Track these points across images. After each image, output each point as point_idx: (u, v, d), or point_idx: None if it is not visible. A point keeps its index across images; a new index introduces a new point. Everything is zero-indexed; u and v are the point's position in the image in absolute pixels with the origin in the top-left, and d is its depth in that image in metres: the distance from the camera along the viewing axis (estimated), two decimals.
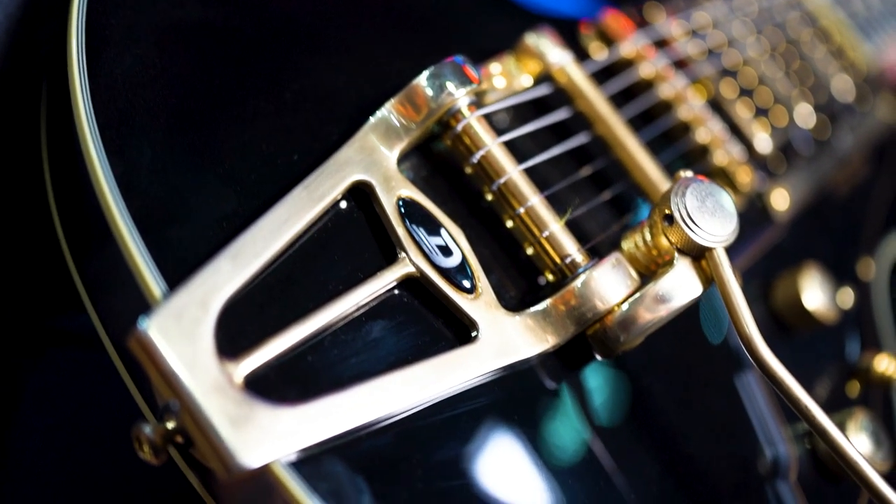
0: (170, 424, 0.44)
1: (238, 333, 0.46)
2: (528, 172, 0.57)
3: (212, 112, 0.52)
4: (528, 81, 0.64)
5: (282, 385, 0.46)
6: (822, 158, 0.82)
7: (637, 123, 0.67)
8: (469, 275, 0.53)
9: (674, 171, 0.58)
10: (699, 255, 0.55)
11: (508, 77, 0.63)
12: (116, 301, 0.49)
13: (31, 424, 0.67)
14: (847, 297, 0.75)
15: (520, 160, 0.57)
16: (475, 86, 0.56)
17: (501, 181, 0.56)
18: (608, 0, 0.74)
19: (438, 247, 0.53)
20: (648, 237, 0.56)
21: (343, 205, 0.52)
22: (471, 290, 0.53)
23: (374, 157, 0.53)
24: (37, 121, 0.56)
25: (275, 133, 0.53)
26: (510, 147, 0.58)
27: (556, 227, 0.56)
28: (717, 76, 0.76)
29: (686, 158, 0.70)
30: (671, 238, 0.55)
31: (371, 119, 0.54)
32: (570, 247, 0.56)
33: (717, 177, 0.70)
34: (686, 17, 0.78)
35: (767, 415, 0.63)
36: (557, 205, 0.58)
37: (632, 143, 0.63)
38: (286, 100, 0.55)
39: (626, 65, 0.70)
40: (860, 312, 0.76)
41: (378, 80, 0.57)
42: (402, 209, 0.53)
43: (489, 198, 0.57)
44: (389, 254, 0.52)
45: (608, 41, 0.71)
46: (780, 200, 0.74)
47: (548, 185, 0.59)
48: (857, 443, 0.62)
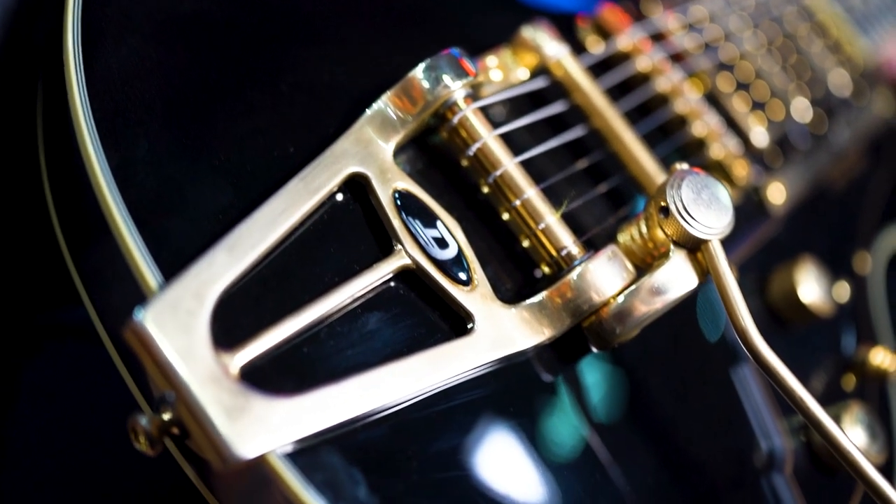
0: (166, 416, 0.44)
1: (234, 325, 0.46)
2: (525, 165, 0.57)
3: (208, 104, 0.52)
4: (525, 74, 0.64)
5: (277, 376, 0.46)
6: (819, 153, 0.82)
7: (633, 117, 0.67)
8: (465, 267, 0.53)
9: (670, 165, 0.58)
10: (695, 248, 0.55)
11: (505, 70, 0.63)
12: (113, 293, 0.49)
13: (28, 419, 0.67)
14: (843, 291, 0.75)
15: (516, 153, 0.57)
16: (471, 78, 0.56)
17: (497, 173, 0.56)
18: None
19: (434, 239, 0.53)
20: (644, 230, 0.56)
21: (339, 197, 0.52)
22: (467, 283, 0.53)
23: (371, 150, 0.53)
24: (33, 113, 0.56)
25: (271, 125, 0.53)
26: (506, 140, 0.58)
27: (552, 220, 0.56)
28: (714, 70, 0.76)
29: (682, 152, 0.70)
30: (667, 230, 0.55)
31: (367, 111, 0.54)
32: (566, 239, 0.56)
33: (714, 170, 0.70)
34: (683, 11, 0.78)
35: (763, 408, 0.63)
36: (553, 197, 0.58)
37: (628, 136, 0.63)
38: (282, 92, 0.55)
39: (623, 58, 0.70)
40: (856, 306, 0.76)
41: (374, 73, 0.57)
42: (398, 201, 0.53)
43: (485, 190, 0.57)
44: (385, 246, 0.52)
45: (605, 35, 0.71)
46: (777, 194, 0.74)
47: (544, 178, 0.59)
48: (853, 435, 0.62)
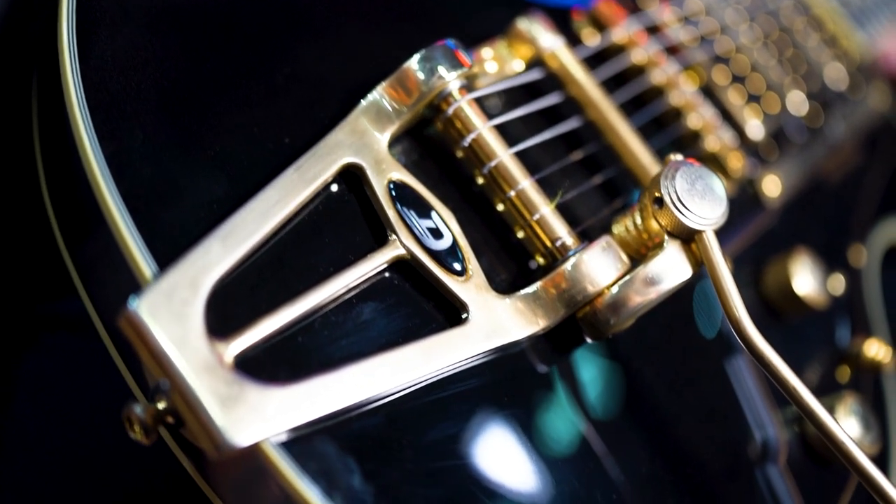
0: (160, 405, 0.44)
1: (228, 314, 0.46)
2: (520, 156, 0.57)
3: (203, 94, 0.52)
4: (520, 66, 0.64)
5: (272, 365, 0.46)
6: (815, 146, 0.82)
7: (628, 109, 0.67)
8: (459, 257, 0.53)
9: (665, 157, 0.58)
10: (689, 238, 0.55)
11: (500, 62, 0.63)
12: (107, 283, 0.49)
13: (25, 411, 0.67)
14: (838, 284, 0.75)
15: (511, 144, 0.58)
16: (466, 69, 0.56)
17: (492, 164, 0.56)
18: None
19: (429, 229, 0.53)
20: (639, 220, 0.56)
21: (334, 187, 0.52)
22: (461, 273, 0.53)
23: (365, 140, 0.54)
24: (29, 105, 0.56)
25: (266, 116, 0.53)
26: (501, 131, 0.58)
27: (547, 211, 0.56)
28: (710, 63, 0.76)
29: (677, 144, 0.70)
30: (661, 221, 0.55)
31: (362, 102, 0.55)
32: (561, 230, 0.56)
33: (709, 162, 0.70)
34: (678, 4, 0.78)
35: (758, 399, 0.63)
36: (548, 188, 0.58)
37: (623, 128, 0.63)
38: (277, 83, 0.55)
39: (618, 50, 0.70)
40: (851, 299, 0.77)
41: (369, 64, 0.57)
42: (393, 192, 0.53)
43: (480, 181, 0.57)
44: (380, 236, 0.52)
45: (600, 27, 0.71)
46: (772, 187, 0.74)
47: (539, 169, 0.59)
48: (847, 426, 0.63)
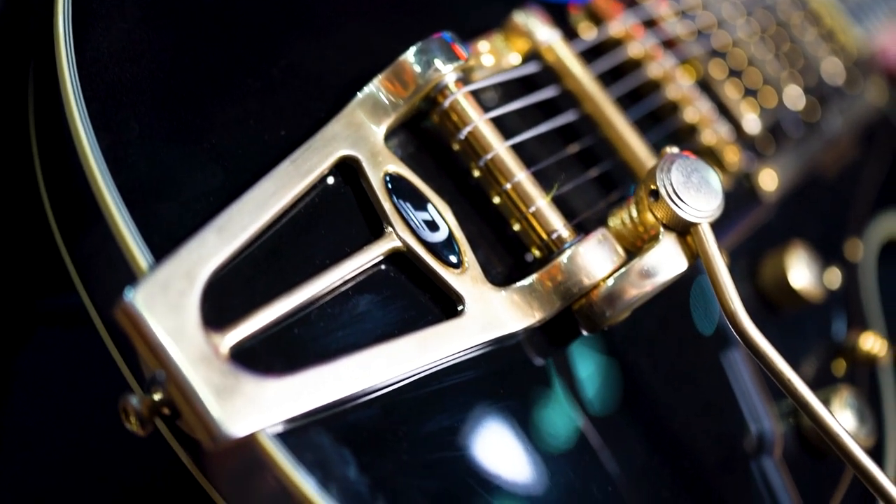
0: (156, 396, 0.44)
1: (224, 305, 0.46)
2: (516, 149, 0.57)
3: (199, 87, 0.52)
4: (517, 60, 0.64)
5: (268, 357, 0.46)
6: (811, 140, 0.82)
7: (625, 102, 0.67)
8: (455, 250, 0.53)
9: (661, 150, 0.58)
10: (684, 231, 0.55)
11: (497, 55, 0.63)
12: (104, 274, 0.49)
13: (21, 403, 0.67)
14: (834, 278, 0.75)
15: (507, 137, 0.58)
16: (462, 62, 0.56)
17: (488, 157, 0.56)
18: None
19: (425, 222, 0.53)
20: (634, 213, 0.56)
21: (330, 180, 0.53)
22: (457, 265, 0.53)
23: (362, 133, 0.54)
24: (25, 97, 0.56)
25: (262, 108, 0.53)
26: (498, 124, 0.58)
27: (543, 203, 0.56)
28: (706, 57, 0.76)
29: (674, 137, 0.70)
30: (657, 213, 0.55)
31: (358, 95, 0.55)
32: (557, 222, 0.56)
33: (705, 156, 0.70)
34: None
35: (753, 392, 0.63)
36: (544, 181, 0.58)
37: (619, 122, 0.63)
38: (274, 76, 0.55)
39: (615, 44, 0.70)
40: (847, 293, 0.77)
41: (366, 56, 0.57)
42: (389, 184, 0.53)
43: (476, 174, 0.57)
44: (376, 228, 0.52)
45: (597, 21, 0.71)
46: (769, 181, 0.75)
47: (535, 162, 0.59)
48: (842, 419, 0.63)
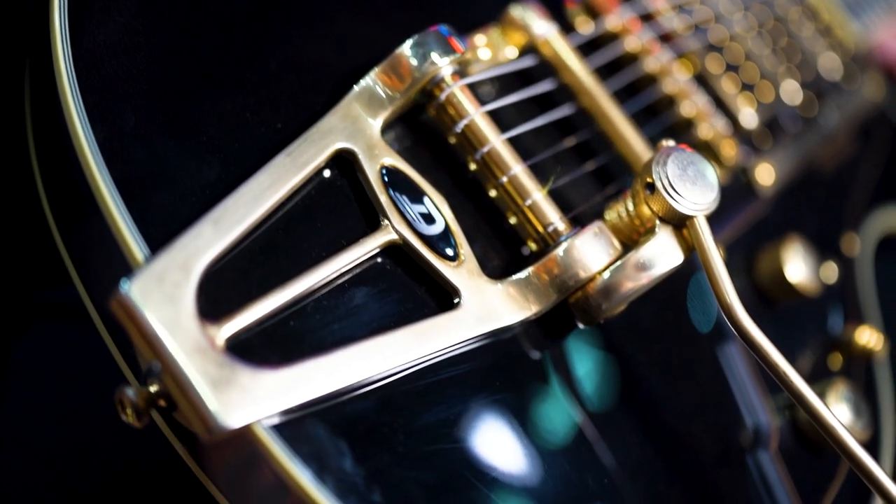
0: (152, 388, 0.44)
1: (220, 297, 0.46)
2: (512, 143, 0.57)
3: (196, 79, 0.52)
4: (513, 53, 0.64)
5: (263, 348, 0.46)
6: (809, 135, 0.82)
7: (622, 96, 0.67)
8: (452, 242, 0.53)
9: (658, 143, 0.58)
10: (680, 224, 0.55)
11: (493, 49, 0.63)
12: (100, 266, 0.49)
13: (18, 396, 0.68)
14: (831, 272, 0.75)
15: (504, 130, 0.58)
16: (459, 55, 0.56)
17: (485, 150, 0.56)
18: None
19: (421, 214, 0.53)
20: (631, 206, 0.56)
21: (326, 173, 0.53)
22: (453, 258, 0.53)
23: (358, 126, 0.54)
24: (21, 90, 0.56)
25: (258, 101, 0.53)
26: (494, 117, 0.58)
27: (539, 196, 0.56)
28: (703, 51, 0.76)
29: (671, 131, 0.70)
30: (653, 206, 0.55)
31: (355, 88, 0.55)
32: (553, 216, 0.56)
33: (702, 150, 0.70)
34: None
35: (749, 386, 0.64)
36: (541, 175, 0.58)
37: (616, 115, 0.63)
38: (270, 68, 0.55)
39: (612, 38, 0.70)
40: (843, 287, 0.77)
41: (363, 49, 0.57)
42: (386, 177, 0.53)
43: (473, 167, 0.57)
44: (372, 221, 0.52)
45: (594, 15, 0.71)
46: (765, 175, 0.75)
47: (531, 155, 0.59)
48: (837, 412, 0.63)
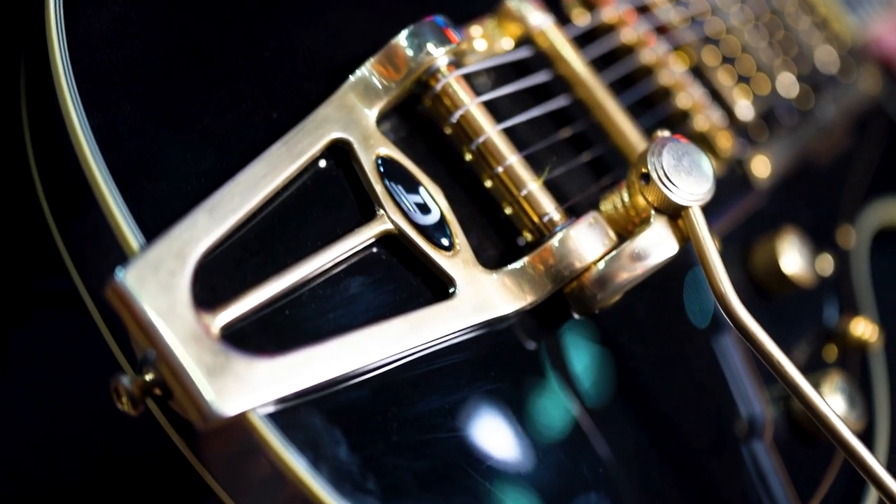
0: (148, 376, 0.44)
1: (215, 286, 0.46)
2: (508, 133, 0.58)
3: (191, 68, 0.52)
4: (509, 45, 0.64)
5: (259, 337, 0.46)
6: (805, 128, 0.82)
7: (617, 88, 0.67)
8: (447, 232, 0.53)
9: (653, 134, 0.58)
10: (675, 214, 0.55)
11: (489, 40, 0.63)
12: (95, 255, 0.49)
13: (14, 385, 0.68)
14: (826, 264, 0.75)
15: (499, 121, 0.58)
16: (454, 46, 0.56)
17: (480, 140, 0.56)
18: None
19: (417, 204, 0.53)
20: (626, 197, 0.56)
21: (322, 162, 0.53)
22: (449, 248, 0.53)
23: (353, 116, 0.54)
24: (16, 81, 0.56)
25: (254, 90, 0.53)
26: (490, 108, 0.58)
27: (534, 187, 0.56)
28: (699, 43, 0.76)
29: (666, 123, 0.70)
30: (648, 197, 0.55)
31: (350, 78, 0.55)
32: (548, 206, 0.56)
33: (698, 142, 0.70)
34: None
35: (744, 376, 0.64)
36: (536, 165, 0.58)
37: (612, 107, 0.63)
38: (266, 58, 0.55)
39: (608, 30, 0.70)
40: (839, 280, 0.77)
41: (358, 39, 0.57)
42: (381, 167, 0.53)
43: (468, 158, 0.57)
44: (368, 211, 0.52)
45: (590, 6, 0.71)
46: (761, 167, 0.75)
47: (527, 146, 0.59)
48: (832, 403, 0.63)
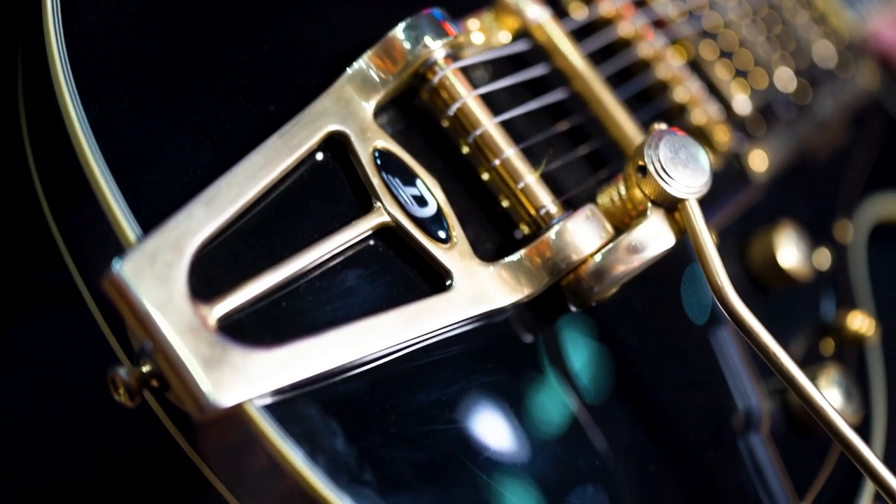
0: (145, 368, 0.44)
1: (212, 278, 0.46)
2: (505, 126, 0.58)
3: (188, 60, 0.52)
4: (507, 38, 0.64)
5: (255, 329, 0.46)
6: (802, 122, 0.82)
7: (615, 81, 0.67)
8: (444, 225, 0.53)
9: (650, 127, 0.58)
10: (672, 207, 0.55)
11: (486, 33, 0.63)
12: (92, 246, 0.49)
13: (11, 378, 0.68)
14: (823, 258, 0.76)
15: (496, 114, 0.58)
16: (452, 38, 0.56)
17: (477, 133, 0.56)
18: None
19: (414, 197, 0.53)
20: (623, 190, 0.56)
21: (319, 155, 0.53)
22: (445, 240, 0.53)
23: (351, 108, 0.54)
24: (13, 70, 0.56)
25: (251, 83, 0.53)
26: (487, 101, 0.58)
27: (531, 180, 0.56)
28: (697, 38, 0.76)
29: (664, 116, 0.70)
30: (644, 190, 0.55)
31: (348, 70, 0.55)
32: (545, 199, 0.56)
33: (695, 135, 0.70)
34: None
35: (741, 370, 0.64)
36: (533, 158, 0.58)
37: (609, 100, 0.63)
38: (263, 50, 0.55)
39: (605, 23, 0.70)
40: (836, 274, 0.77)
41: (356, 32, 0.57)
42: (378, 160, 0.53)
43: (465, 150, 0.57)
44: (365, 203, 0.52)
45: (587, 0, 0.71)
46: (759, 162, 0.75)
47: (524, 139, 0.59)
48: (829, 396, 0.63)
